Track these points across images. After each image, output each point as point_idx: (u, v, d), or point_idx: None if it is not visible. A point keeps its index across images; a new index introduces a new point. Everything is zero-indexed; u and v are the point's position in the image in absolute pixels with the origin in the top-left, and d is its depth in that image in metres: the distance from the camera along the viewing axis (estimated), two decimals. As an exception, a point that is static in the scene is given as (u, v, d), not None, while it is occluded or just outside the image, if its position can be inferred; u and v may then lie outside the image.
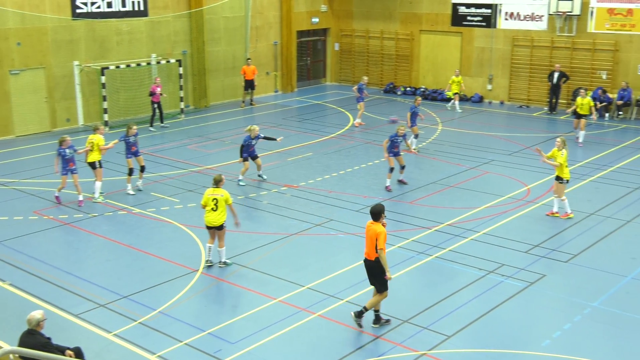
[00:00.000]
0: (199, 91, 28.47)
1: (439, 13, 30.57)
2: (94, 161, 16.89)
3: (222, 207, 12.89)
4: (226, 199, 12.92)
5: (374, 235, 10.55)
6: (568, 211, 15.61)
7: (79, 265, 13.40)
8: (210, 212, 12.91)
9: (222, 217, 12.94)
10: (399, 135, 17.73)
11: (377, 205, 10.83)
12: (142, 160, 17.82)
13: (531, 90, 28.67)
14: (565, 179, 15.54)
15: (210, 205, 12.89)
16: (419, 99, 21.80)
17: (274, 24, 31.45)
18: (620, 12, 25.90)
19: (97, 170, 16.93)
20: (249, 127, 18.33)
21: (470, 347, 10.39)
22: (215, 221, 12.93)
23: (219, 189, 12.96)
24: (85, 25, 24.77)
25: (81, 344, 9.84)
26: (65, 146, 16.55)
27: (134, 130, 17.60)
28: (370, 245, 10.65)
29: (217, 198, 12.87)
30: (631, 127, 24.70)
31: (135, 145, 17.57)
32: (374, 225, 10.67)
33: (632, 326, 10.97)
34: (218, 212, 12.88)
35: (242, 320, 11.19)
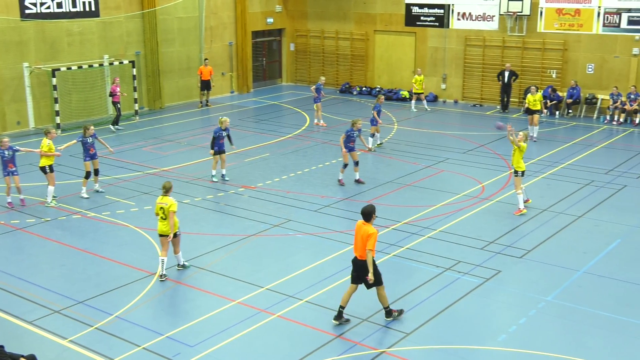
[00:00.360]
0: (153, 93, 28.15)
1: (393, 13, 30.83)
2: (44, 166, 16.57)
3: (169, 217, 12.45)
4: (170, 206, 12.43)
5: (366, 236, 10.60)
6: (521, 207, 15.92)
7: (32, 271, 13.12)
8: (161, 220, 12.53)
9: (169, 227, 12.52)
10: (355, 129, 17.86)
11: (368, 206, 10.87)
12: (97, 163, 17.56)
13: (484, 89, 29.13)
14: (520, 171, 15.88)
15: (160, 214, 12.52)
16: (382, 97, 22.12)
17: (229, 25, 31.29)
18: (569, 12, 26.51)
19: (48, 175, 16.62)
20: (220, 119, 18.50)
21: (428, 344, 10.51)
22: (165, 230, 12.52)
23: (166, 197, 12.52)
24: (35, 26, 24.26)
25: (35, 352, 9.65)
26: (4, 147, 16.29)
27: (92, 131, 17.34)
28: (361, 246, 10.69)
29: (163, 207, 12.46)
30: (580, 125, 25.30)
31: (93, 147, 17.32)
32: (365, 225, 10.72)
33: (585, 319, 11.24)
34: (167, 221, 12.48)
35: (201, 323, 11.11)
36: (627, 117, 25.35)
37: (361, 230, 10.73)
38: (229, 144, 18.80)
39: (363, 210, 10.82)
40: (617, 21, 25.58)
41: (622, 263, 13.34)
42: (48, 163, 16.59)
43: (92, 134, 17.29)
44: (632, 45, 25.47)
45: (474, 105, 29.19)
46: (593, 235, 14.75)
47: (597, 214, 15.99)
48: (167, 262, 12.75)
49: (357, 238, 10.83)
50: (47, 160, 16.57)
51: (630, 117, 25.27)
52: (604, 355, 10.18)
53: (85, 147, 17.23)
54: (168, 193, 12.58)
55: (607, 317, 11.26)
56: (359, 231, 10.77)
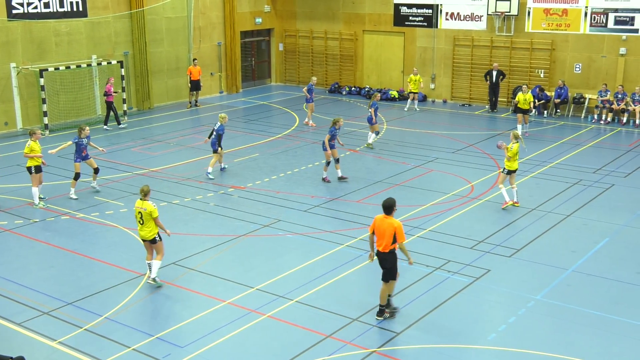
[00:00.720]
0: (142, 93, 28.05)
1: (382, 13, 30.88)
2: (30, 167, 16.48)
3: (148, 221, 12.05)
4: (150, 212, 11.99)
5: (391, 229, 10.70)
6: (510, 199, 16.31)
7: (21, 273, 13.03)
8: (139, 225, 12.20)
9: (151, 231, 12.14)
10: (337, 128, 18.11)
11: (389, 199, 10.97)
12: (94, 162, 17.52)
13: (473, 89, 29.23)
14: (506, 169, 16.22)
15: (138, 218, 12.16)
16: (377, 95, 22.63)
17: (217, 25, 31.23)
18: (556, 12, 26.65)
19: (32, 176, 16.54)
20: (221, 115, 19.21)
21: (418, 343, 10.53)
22: (144, 236, 12.21)
23: (144, 202, 12.08)
24: (22, 26, 24.11)
25: (24, 353, 9.61)
26: (84, 136, 16.94)
27: (87, 132, 17.33)
28: (386, 238, 10.77)
29: (141, 212, 12.08)
30: (568, 124, 25.44)
31: (86, 149, 17.25)
32: (387, 219, 10.81)
33: (574, 317, 11.30)
34: (145, 226, 12.09)
35: (191, 324, 11.08)
36: (615, 117, 25.52)
37: (384, 224, 10.80)
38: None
39: (385, 204, 10.91)
40: (604, 21, 25.75)
41: (610, 261, 13.43)
42: (34, 164, 16.51)
43: (87, 135, 17.26)
44: (619, 45, 25.64)
45: (462, 105, 29.29)
46: (582, 234, 14.84)
47: (585, 212, 16.08)
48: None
49: (379, 231, 10.88)
50: (32, 161, 16.49)
51: (618, 117, 25.45)
52: (593, 354, 10.24)
53: (79, 149, 17.14)
54: (146, 197, 12.13)
55: (596, 316, 11.33)
56: (382, 225, 10.84)
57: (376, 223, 10.94)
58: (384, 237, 10.80)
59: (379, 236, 10.89)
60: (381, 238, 10.87)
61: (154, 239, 12.22)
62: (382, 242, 10.86)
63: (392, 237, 10.74)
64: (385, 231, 10.77)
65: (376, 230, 10.94)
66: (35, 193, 16.53)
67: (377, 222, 10.94)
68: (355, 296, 12.08)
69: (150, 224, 12.08)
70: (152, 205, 12.08)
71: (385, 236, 10.79)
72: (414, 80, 27.76)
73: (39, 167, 16.51)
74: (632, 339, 10.63)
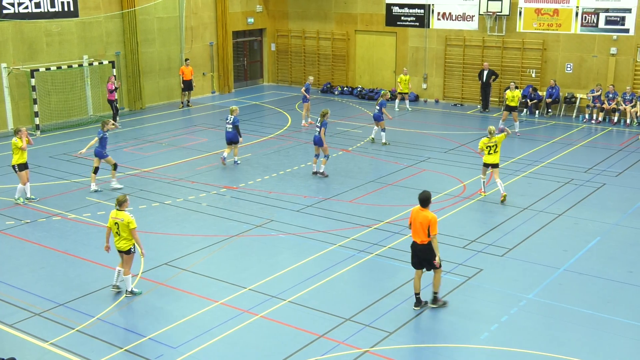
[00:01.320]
0: (133, 93, 27.99)
1: (374, 13, 30.90)
2: (14, 165, 16.51)
3: (124, 232, 11.64)
4: (127, 223, 11.59)
5: (426, 221, 10.98)
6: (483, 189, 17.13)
7: (12, 274, 12.97)
8: (115, 236, 11.80)
9: (126, 243, 11.73)
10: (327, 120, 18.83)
11: (425, 192, 11.25)
12: (111, 159, 17.72)
13: (465, 89, 29.29)
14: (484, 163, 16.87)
15: (114, 229, 11.77)
16: (387, 94, 22.96)
17: (209, 25, 31.18)
18: (547, 12, 26.74)
19: (18, 174, 16.59)
20: (232, 107, 19.81)
21: (411, 342, 10.55)
22: (121, 247, 11.79)
23: (121, 212, 11.69)
24: (13, 27, 24.01)
25: (16, 354, 9.57)
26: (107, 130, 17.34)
27: (111, 126, 17.86)
28: (422, 231, 11.05)
29: (117, 222, 11.70)
30: (560, 124, 25.53)
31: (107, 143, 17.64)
32: (423, 211, 11.08)
33: (566, 316, 11.34)
34: (121, 237, 11.69)
35: (184, 324, 11.07)
36: (606, 116, 25.62)
37: (420, 216, 11.08)
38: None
39: (421, 197, 11.16)
40: (595, 21, 25.85)
41: (602, 260, 13.49)
42: (18, 162, 16.50)
43: (111, 128, 17.76)
44: (610, 45, 25.75)
45: (454, 104, 29.34)
46: (573, 233, 14.90)
47: (577, 212, 16.15)
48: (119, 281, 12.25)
49: (415, 224, 11.14)
50: (16, 159, 16.51)
51: (609, 116, 25.55)
52: (584, 352, 10.28)
53: (103, 142, 17.39)
54: (122, 207, 11.74)
55: (588, 314, 11.38)
56: (417, 217, 11.12)
57: (412, 215, 11.28)
58: (419, 229, 11.13)
59: (415, 229, 11.22)
60: (416, 230, 11.20)
61: (128, 251, 11.79)
62: (417, 234, 11.19)
63: (427, 229, 11.03)
64: (420, 224, 11.08)
65: (412, 222, 11.27)
66: (20, 190, 16.62)
67: (412, 214, 11.28)
68: (348, 296, 12.08)
69: (126, 235, 11.67)
70: (130, 216, 11.68)
71: (420, 228, 11.12)
72: (404, 80, 27.81)
73: (22, 165, 16.54)
74: (623, 338, 10.68)
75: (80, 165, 20.13)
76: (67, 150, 21.83)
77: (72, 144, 22.62)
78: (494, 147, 16.54)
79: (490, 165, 16.74)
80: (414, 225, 11.21)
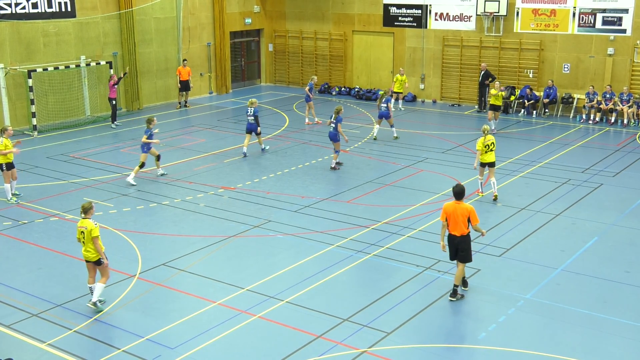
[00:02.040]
0: (131, 93, 27.96)
1: (371, 14, 30.91)
2: (1, 164, 16.61)
3: (89, 240, 11.24)
4: (90, 231, 11.16)
5: (465, 213, 11.46)
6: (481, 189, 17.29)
7: (9, 274, 12.96)
8: (83, 245, 11.38)
9: (93, 252, 11.31)
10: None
11: (458, 185, 11.67)
12: (155, 150, 18.73)
13: (462, 89, 29.31)
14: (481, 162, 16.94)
15: (81, 238, 11.37)
16: (388, 90, 24.00)
17: (207, 25, 31.16)
18: (545, 12, 26.77)
19: (3, 173, 16.70)
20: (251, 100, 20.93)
21: (409, 343, 10.55)
22: (88, 257, 11.37)
23: (85, 220, 11.29)
24: (10, 27, 23.97)
25: (13, 355, 9.57)
26: (152, 126, 18.05)
27: (155, 122, 18.53)
28: (461, 223, 11.47)
29: (83, 231, 11.28)
30: (557, 124, 25.56)
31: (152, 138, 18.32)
32: (459, 204, 11.53)
33: (563, 316, 11.35)
34: (87, 246, 11.30)
35: (182, 325, 11.06)
36: (603, 117, 25.66)
37: (457, 210, 11.50)
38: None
39: (456, 190, 11.59)
40: (592, 21, 25.89)
41: (599, 260, 13.51)
42: (5, 161, 16.62)
43: (155, 124, 18.43)
44: (607, 45, 25.78)
45: (452, 105, 29.36)
46: (570, 234, 14.91)
47: (574, 212, 16.16)
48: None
49: (453, 217, 11.53)
50: (3, 158, 16.60)
51: (606, 117, 25.58)
52: (582, 352, 10.29)
53: (150, 138, 18.19)
54: (87, 214, 11.35)
55: (585, 315, 11.39)
56: (455, 210, 11.52)
57: (448, 210, 11.61)
58: (458, 222, 11.50)
59: (454, 222, 11.55)
60: (455, 223, 11.55)
61: (99, 260, 11.36)
62: (456, 227, 11.55)
63: (467, 221, 11.48)
64: (459, 216, 11.46)
65: (449, 217, 11.55)
66: (7, 189, 16.73)
67: (448, 209, 11.62)
68: (345, 296, 12.09)
69: (92, 244, 11.27)
70: (93, 224, 11.25)
71: (459, 221, 11.48)
72: (400, 80, 27.83)
73: (10, 164, 16.69)
74: (620, 338, 10.70)
75: (77, 165, 20.11)
76: (64, 150, 21.80)
77: (70, 144, 22.61)
78: (491, 145, 16.58)
79: (487, 164, 16.78)
80: (451, 219, 11.53)
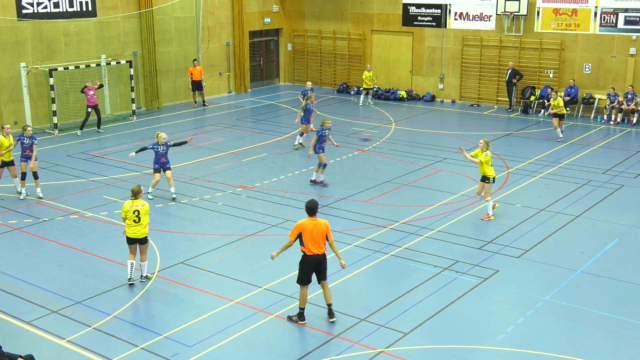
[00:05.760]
0: (150, 93, 28.13)
1: (390, 13, 30.83)
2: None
3: (144, 218, 12.30)
4: (147, 209, 12.41)
5: (323, 229, 11.14)
6: (490, 213, 15.66)
7: (30, 271, 13.09)
8: (132, 224, 12.24)
9: (145, 229, 12.36)
10: (325, 129, 17.93)
11: (312, 201, 11.28)
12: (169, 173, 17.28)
13: (482, 89, 29.15)
14: (490, 178, 15.68)
15: (132, 217, 12.22)
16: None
17: (226, 24, 31.27)
18: (566, 12, 26.55)
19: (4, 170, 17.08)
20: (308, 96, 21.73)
21: (426, 343, 10.51)
22: (138, 233, 12.29)
23: (138, 200, 12.32)
24: (32, 26, 24.22)
25: (33, 352, 9.65)
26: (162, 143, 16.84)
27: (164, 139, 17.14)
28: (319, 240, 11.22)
29: (138, 209, 12.24)
30: (578, 125, 25.33)
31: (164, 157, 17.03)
32: (316, 220, 11.18)
33: (582, 319, 11.25)
34: (141, 223, 12.26)
35: (199, 323, 11.11)
36: (624, 117, 25.39)
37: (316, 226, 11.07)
38: None
39: (309, 206, 11.11)
40: (613, 21, 25.63)
41: (619, 263, 13.37)
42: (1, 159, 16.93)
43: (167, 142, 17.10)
44: (629, 45, 25.50)
45: (471, 105, 29.21)
46: (591, 235, 14.78)
47: (594, 213, 16.01)
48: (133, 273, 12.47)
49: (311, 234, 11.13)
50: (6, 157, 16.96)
51: (628, 117, 25.31)
52: (601, 355, 10.20)
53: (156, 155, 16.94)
54: (138, 196, 12.33)
55: (605, 317, 11.28)
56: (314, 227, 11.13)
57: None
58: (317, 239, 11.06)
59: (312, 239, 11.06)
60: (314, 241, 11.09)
61: (145, 238, 12.44)
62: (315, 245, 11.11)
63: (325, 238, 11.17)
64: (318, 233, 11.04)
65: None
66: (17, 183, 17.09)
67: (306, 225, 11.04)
68: (362, 296, 12.07)
69: (146, 222, 12.34)
70: (148, 204, 12.55)
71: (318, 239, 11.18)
72: (368, 76, 28.54)
73: (5, 163, 16.93)
74: (641, 341, 10.59)
75: (97, 164, 20.28)
76: (84, 149, 21.99)
77: (90, 143, 22.80)
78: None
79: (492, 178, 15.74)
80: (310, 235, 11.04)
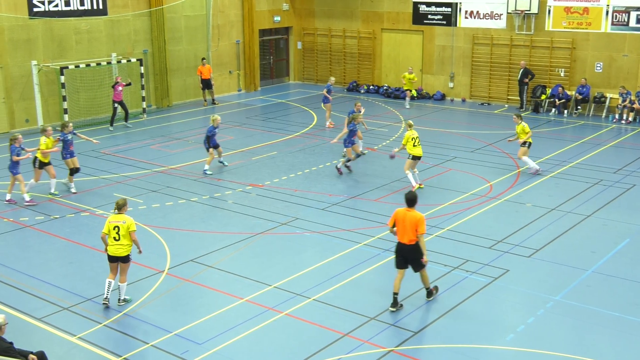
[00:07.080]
0: (160, 91, 28.21)
1: (400, 12, 30.78)
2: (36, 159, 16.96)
3: (125, 235, 11.35)
4: (129, 225, 11.32)
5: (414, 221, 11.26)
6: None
7: (41, 268, 13.16)
8: (112, 242, 11.35)
9: (128, 248, 11.43)
10: (357, 123, 18.99)
11: (411, 192, 11.53)
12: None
13: (492, 88, 29.06)
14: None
15: (112, 234, 11.34)
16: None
17: (236, 23, 31.30)
18: (577, 10, 26.42)
19: (35, 170, 17.04)
20: (357, 103, 20.82)
21: (436, 342, 10.50)
22: (119, 253, 11.38)
23: (121, 215, 11.41)
24: (43, 24, 24.34)
25: (44, 348, 9.68)
26: (68, 131, 17.33)
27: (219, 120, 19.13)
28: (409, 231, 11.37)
29: (118, 225, 11.32)
30: (589, 124, 25.22)
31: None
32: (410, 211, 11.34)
33: (593, 319, 11.20)
34: (120, 241, 11.32)
35: (209, 321, 11.13)
36: (636, 116, 25.25)
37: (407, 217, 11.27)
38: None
39: (408, 197, 11.31)
40: (625, 19, 25.47)
41: (631, 262, 13.30)
42: (41, 159, 16.97)
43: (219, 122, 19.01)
44: (641, 44, 25.37)
45: (481, 103, 29.13)
46: (602, 235, 14.71)
47: (605, 213, 15.93)
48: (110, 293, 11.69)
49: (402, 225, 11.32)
50: (40, 156, 16.96)
51: (639, 116, 25.16)
52: (612, 355, 10.15)
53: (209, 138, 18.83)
54: (122, 210, 11.45)
55: (616, 317, 11.23)
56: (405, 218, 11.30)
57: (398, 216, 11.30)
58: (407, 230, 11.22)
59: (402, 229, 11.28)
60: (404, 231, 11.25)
61: (126, 257, 11.49)
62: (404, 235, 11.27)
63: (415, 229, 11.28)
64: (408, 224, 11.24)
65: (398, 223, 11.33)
66: (32, 185, 16.99)
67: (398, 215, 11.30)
68: (372, 295, 12.06)
69: (127, 239, 11.39)
70: (131, 219, 11.50)
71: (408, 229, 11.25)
72: (407, 78, 28.56)
73: (43, 163, 16.99)
74: (652, 341, 10.53)
75: (107, 162, 20.35)
76: (95, 147, 22.03)
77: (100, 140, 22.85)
78: (417, 140, 17.13)
79: (419, 157, 17.28)
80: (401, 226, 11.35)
